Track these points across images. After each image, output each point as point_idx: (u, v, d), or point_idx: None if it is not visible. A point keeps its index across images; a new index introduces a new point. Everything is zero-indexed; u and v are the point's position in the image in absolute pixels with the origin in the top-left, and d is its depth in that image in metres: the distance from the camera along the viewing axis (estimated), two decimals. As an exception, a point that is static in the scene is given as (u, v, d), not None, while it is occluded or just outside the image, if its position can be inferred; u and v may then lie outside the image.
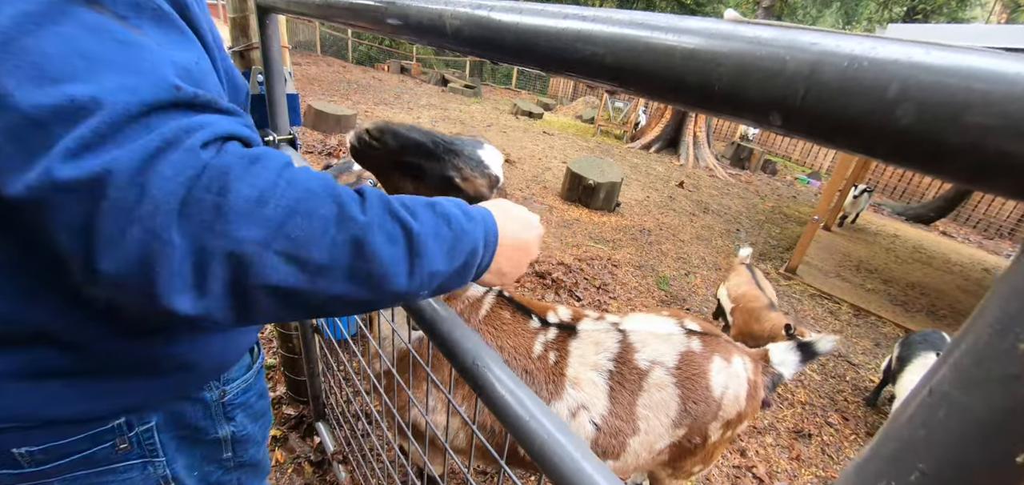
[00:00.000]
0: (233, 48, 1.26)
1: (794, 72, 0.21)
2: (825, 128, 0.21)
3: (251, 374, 0.85)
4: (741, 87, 0.23)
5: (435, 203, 0.55)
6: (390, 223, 0.49)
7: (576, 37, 0.30)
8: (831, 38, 0.20)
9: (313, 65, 12.60)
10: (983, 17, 19.77)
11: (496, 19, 0.37)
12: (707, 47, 0.24)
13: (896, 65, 0.18)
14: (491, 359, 0.57)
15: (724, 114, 0.25)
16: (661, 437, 1.42)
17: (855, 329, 4.54)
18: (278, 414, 2.11)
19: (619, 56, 0.28)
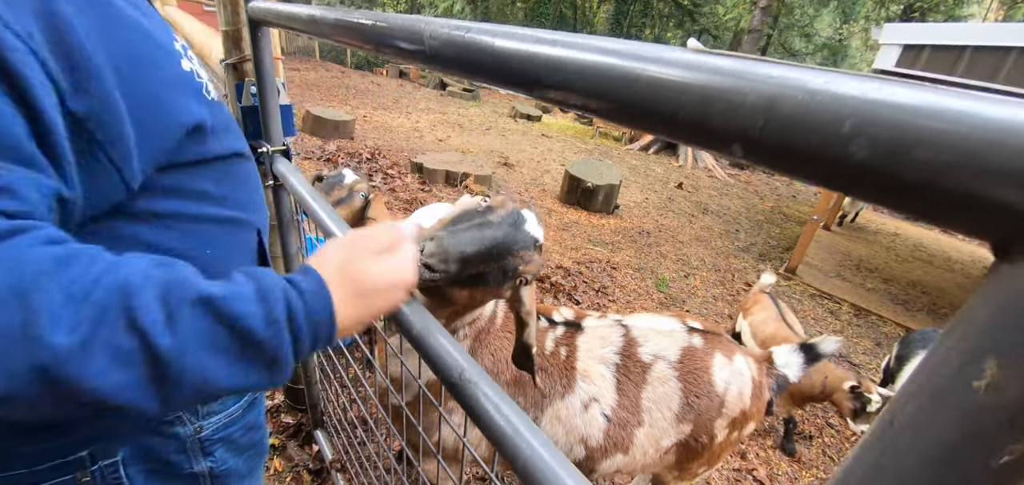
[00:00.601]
0: (226, 60, 1.26)
1: (753, 104, 0.21)
2: (784, 160, 0.21)
3: (237, 408, 0.79)
4: (704, 117, 0.23)
5: (213, 298, 0.43)
6: (122, 336, 0.37)
7: (546, 63, 0.30)
8: (789, 71, 0.21)
9: (312, 71, 12.63)
10: (980, 14, 19.79)
11: (472, 41, 0.37)
12: (671, 77, 0.24)
13: (850, 100, 0.18)
14: (478, 374, 0.57)
15: (689, 142, 0.25)
16: (666, 432, 1.44)
17: (856, 329, 4.53)
18: (277, 422, 2.11)
19: (588, 83, 0.28)
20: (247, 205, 0.76)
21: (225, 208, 0.70)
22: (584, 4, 22.60)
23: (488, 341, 1.28)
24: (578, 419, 1.37)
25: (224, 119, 0.70)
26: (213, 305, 0.42)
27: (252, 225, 0.77)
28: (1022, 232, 0.16)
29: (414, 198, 4.99)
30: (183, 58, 0.62)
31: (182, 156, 0.60)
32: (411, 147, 7.00)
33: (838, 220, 7.81)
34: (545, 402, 1.37)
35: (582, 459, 1.41)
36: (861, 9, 20.83)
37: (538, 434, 0.50)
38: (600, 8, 23.42)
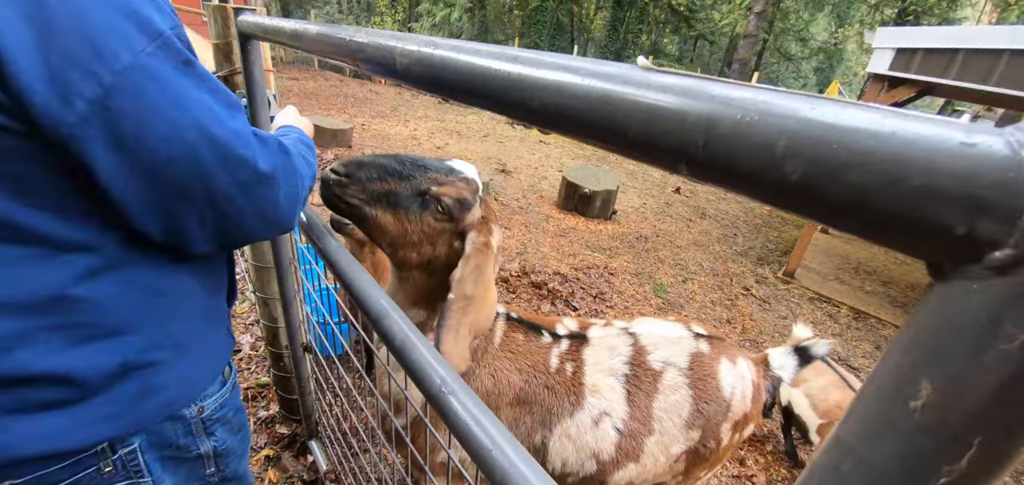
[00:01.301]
0: (217, 73, 1.27)
1: (694, 123, 0.21)
2: (728, 179, 0.21)
3: (226, 390, 0.87)
4: (650, 135, 0.23)
5: (301, 137, 0.88)
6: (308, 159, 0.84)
7: (505, 80, 0.30)
8: (727, 90, 0.21)
9: (311, 80, 12.69)
10: (974, 17, 19.91)
11: (439, 58, 0.37)
12: (620, 93, 0.24)
13: (783, 121, 0.19)
14: (458, 386, 0.57)
15: (641, 160, 0.25)
16: (676, 439, 1.43)
17: (855, 332, 4.52)
18: (271, 433, 2.10)
19: (544, 99, 0.28)
20: None
21: None
22: (581, 11, 22.74)
23: (486, 361, 1.26)
24: (589, 435, 1.34)
25: None
26: (301, 141, 0.86)
27: None
28: (952, 253, 0.16)
29: (411, 206, 4.99)
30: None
31: None
32: (409, 155, 7.00)
33: (836, 223, 7.82)
34: (553, 420, 1.34)
35: (593, 473, 1.37)
36: (856, 13, 20.97)
37: (518, 449, 0.50)
38: (597, 15, 23.56)
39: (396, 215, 0.94)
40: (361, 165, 0.91)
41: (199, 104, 0.57)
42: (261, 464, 1.97)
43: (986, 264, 0.15)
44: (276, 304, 1.73)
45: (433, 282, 1.08)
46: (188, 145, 0.56)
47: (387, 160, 0.93)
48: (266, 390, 2.32)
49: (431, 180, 0.94)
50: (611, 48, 21.33)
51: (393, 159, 0.94)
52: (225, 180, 0.60)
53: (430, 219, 0.95)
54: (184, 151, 0.56)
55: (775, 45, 21.76)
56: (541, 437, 1.34)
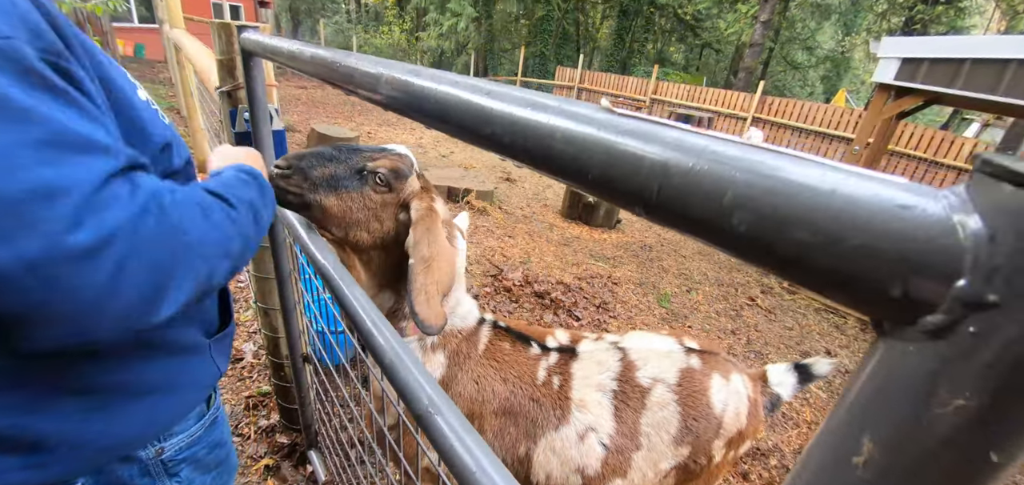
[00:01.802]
0: (220, 88, 1.29)
1: (649, 169, 0.21)
2: (681, 223, 0.21)
3: (199, 427, 0.81)
4: (608, 177, 0.23)
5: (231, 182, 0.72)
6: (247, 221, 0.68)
7: (478, 114, 0.31)
8: (683, 137, 0.21)
9: (318, 89, 12.83)
10: (982, 26, 19.77)
11: (417, 85, 0.38)
12: (581, 134, 0.24)
13: (732, 171, 0.19)
14: (445, 406, 0.57)
15: (603, 198, 0.25)
16: (664, 455, 1.42)
17: (863, 344, 4.46)
18: (271, 442, 2.10)
19: (514, 135, 0.29)
20: None
21: None
22: (587, 21, 22.85)
23: (469, 366, 1.27)
24: (573, 450, 1.34)
25: (176, 135, 0.79)
26: (253, 206, 0.71)
27: None
28: (890, 313, 0.16)
29: (415, 214, 5.01)
30: (139, 88, 0.71)
31: (158, 168, 0.69)
32: (414, 163, 7.05)
33: (843, 233, 7.75)
34: (538, 433, 1.34)
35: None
36: (862, 21, 20.89)
37: (504, 473, 0.50)
38: (603, 24, 23.66)
39: (339, 196, 1.00)
40: (301, 157, 0.98)
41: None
42: (260, 473, 1.98)
43: (921, 327, 0.15)
44: (276, 315, 1.74)
45: (391, 260, 1.13)
46: None
47: (325, 149, 1.00)
48: (267, 399, 2.32)
49: (366, 158, 1.03)
50: (617, 57, 21.38)
51: (331, 148, 1.01)
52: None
53: (371, 192, 1.03)
54: None
55: (781, 54, 21.72)
56: (525, 448, 1.34)
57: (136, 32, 13.37)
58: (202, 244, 0.55)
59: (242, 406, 2.27)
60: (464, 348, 1.28)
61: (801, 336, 4.37)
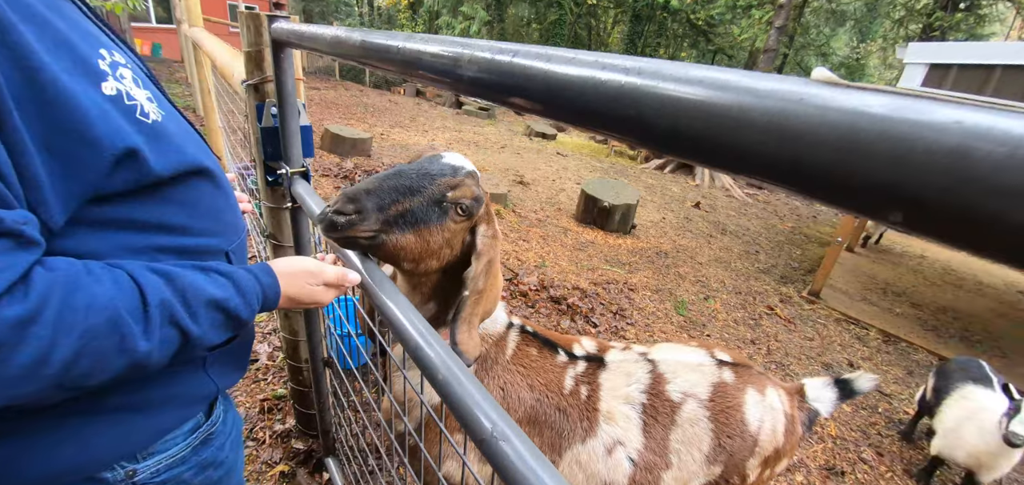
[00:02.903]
0: (247, 81, 1.24)
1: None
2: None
3: (185, 446, 0.74)
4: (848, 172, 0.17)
5: (220, 300, 0.64)
6: (169, 331, 0.58)
7: (618, 91, 0.25)
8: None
9: (331, 89, 12.89)
10: (1002, 33, 19.41)
11: (521, 65, 0.32)
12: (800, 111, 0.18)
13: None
14: (512, 431, 0.51)
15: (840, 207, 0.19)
16: (695, 475, 1.36)
17: (886, 356, 4.34)
18: (287, 448, 2.06)
19: (679, 119, 0.23)
20: (208, 229, 0.72)
21: (176, 237, 0.67)
22: (598, 25, 22.79)
23: (495, 371, 1.22)
24: (601, 464, 1.28)
25: (176, 136, 0.65)
26: (218, 304, 0.64)
27: (215, 251, 0.75)
28: None
29: (429, 216, 4.97)
30: (110, 79, 0.57)
31: (112, 186, 0.57)
32: (426, 165, 7.02)
33: (862, 241, 7.59)
34: (563, 445, 1.29)
35: None
36: (878, 28, 20.62)
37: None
38: (615, 28, 23.58)
39: (417, 232, 0.90)
40: (369, 193, 0.84)
41: None
42: (276, 480, 1.93)
43: None
44: (298, 317, 1.70)
45: (447, 278, 1.06)
46: None
47: (391, 180, 0.87)
48: (282, 402, 2.28)
49: (444, 185, 0.91)
50: (628, 61, 21.20)
51: (396, 177, 0.88)
52: None
53: (450, 224, 0.93)
54: None
55: (795, 60, 21.49)
56: (550, 460, 1.28)
57: (154, 32, 13.53)
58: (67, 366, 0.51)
59: (257, 409, 2.23)
60: (492, 353, 1.23)
61: (822, 347, 4.26)
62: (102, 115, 0.54)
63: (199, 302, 0.61)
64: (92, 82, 0.55)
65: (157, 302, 0.57)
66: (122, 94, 0.58)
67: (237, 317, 0.66)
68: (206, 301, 0.62)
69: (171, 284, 0.59)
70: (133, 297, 0.55)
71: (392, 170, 0.90)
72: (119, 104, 0.57)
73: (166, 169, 0.62)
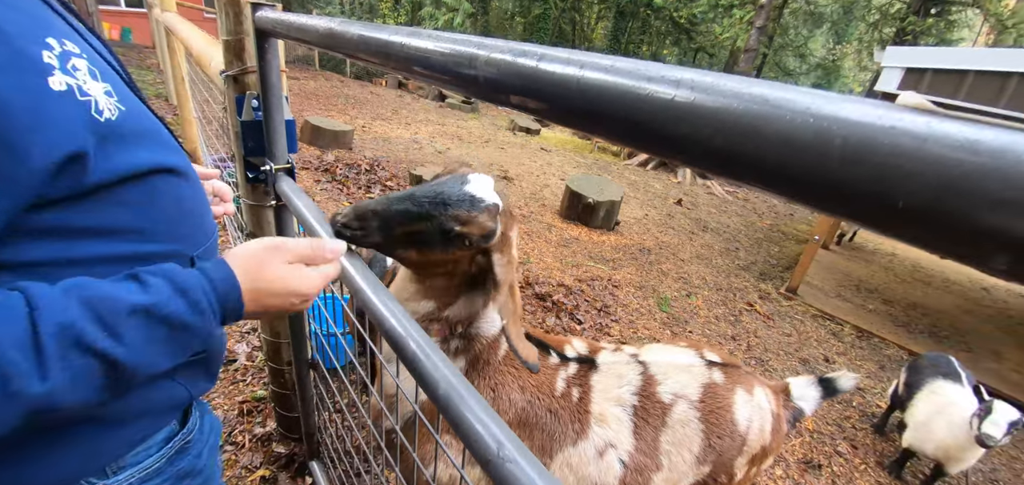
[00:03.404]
0: (226, 72, 1.18)
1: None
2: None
3: (159, 457, 0.69)
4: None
5: (147, 307, 0.51)
6: (79, 360, 0.46)
7: (667, 108, 0.23)
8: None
9: (311, 80, 12.58)
10: (971, 38, 20.15)
11: (543, 72, 0.29)
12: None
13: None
14: (520, 453, 0.49)
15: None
16: (685, 475, 1.38)
17: (859, 351, 4.47)
18: (268, 452, 2.00)
19: (744, 140, 0.20)
20: (169, 233, 0.65)
21: (130, 243, 0.59)
22: (582, 20, 22.80)
23: (487, 372, 1.19)
24: (591, 467, 1.28)
25: (134, 133, 0.58)
26: (150, 311, 0.51)
27: (177, 256, 0.65)
28: None
29: (413, 211, 4.89)
30: (57, 73, 0.50)
31: (56, 192, 0.50)
32: (410, 158, 6.93)
33: (837, 239, 7.81)
34: (554, 447, 1.28)
35: None
36: (854, 31, 21.17)
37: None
38: (598, 25, 23.63)
39: (421, 252, 0.91)
40: (375, 214, 0.84)
41: None
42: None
43: None
44: (281, 320, 1.64)
45: (453, 282, 1.05)
46: None
47: (402, 205, 0.85)
48: (262, 404, 2.21)
49: (453, 218, 0.88)
50: (611, 57, 21.31)
51: (409, 201, 0.86)
52: None
53: (457, 252, 0.93)
54: None
55: (774, 60, 21.90)
56: (541, 463, 1.27)
57: (123, 16, 12.96)
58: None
59: (235, 412, 2.16)
60: (485, 354, 1.21)
61: (800, 342, 4.36)
62: (42, 116, 0.48)
63: (119, 315, 0.49)
64: (33, 78, 0.48)
65: (53, 327, 0.45)
66: (73, 89, 0.51)
67: (182, 325, 0.53)
68: (129, 310, 0.49)
69: (80, 299, 0.48)
70: (18, 325, 0.44)
71: (406, 192, 0.88)
72: (69, 101, 0.50)
73: (117, 171, 0.55)
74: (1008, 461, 3.33)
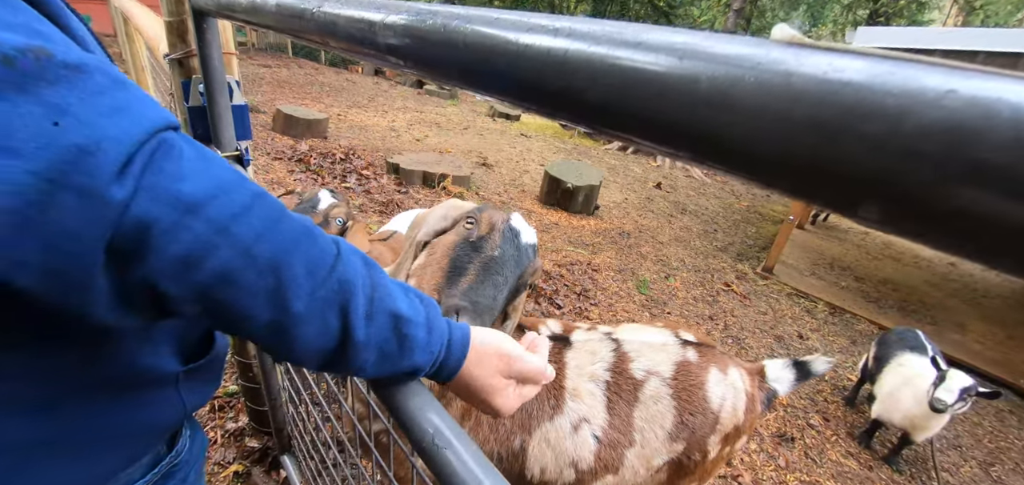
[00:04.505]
0: (169, 55, 1.12)
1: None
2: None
3: (147, 482, 0.62)
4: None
5: (404, 318, 0.49)
6: (333, 316, 0.44)
7: (577, 64, 0.20)
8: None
9: (284, 68, 12.23)
10: (941, 19, 20.62)
11: (453, 31, 0.27)
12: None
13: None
14: (454, 436, 0.47)
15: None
16: (658, 452, 1.39)
17: (832, 327, 4.59)
18: (241, 447, 1.96)
19: (614, 92, 0.18)
20: None
21: None
22: (562, 3, 22.63)
23: None
24: (568, 442, 1.29)
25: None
26: (400, 321, 0.49)
27: None
28: None
29: (390, 200, 4.83)
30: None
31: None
32: (387, 147, 6.81)
33: (811, 219, 7.98)
34: (532, 424, 1.29)
35: (572, 482, 1.34)
36: (829, 13, 21.46)
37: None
38: (578, 7, 23.48)
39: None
40: (494, 313, 0.92)
41: None
42: (230, 480, 1.84)
43: None
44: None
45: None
46: None
47: (504, 293, 0.94)
48: (235, 399, 2.16)
49: (529, 275, 1.01)
50: (592, 42, 21.23)
51: (510, 291, 0.96)
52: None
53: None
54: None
55: (751, 43, 22.07)
56: (520, 441, 1.29)
57: (84, 2, 12.38)
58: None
59: (207, 408, 2.11)
60: None
61: (775, 320, 4.46)
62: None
63: (382, 307, 0.48)
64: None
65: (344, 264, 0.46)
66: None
67: (410, 348, 0.50)
68: (390, 311, 0.48)
69: (368, 269, 0.48)
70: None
71: (490, 267, 0.94)
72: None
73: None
74: (971, 428, 3.47)
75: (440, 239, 1.04)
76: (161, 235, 0.34)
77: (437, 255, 0.98)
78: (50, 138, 0.31)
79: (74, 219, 0.32)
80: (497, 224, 0.99)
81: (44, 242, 0.31)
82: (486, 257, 0.92)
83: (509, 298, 0.95)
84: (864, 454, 3.01)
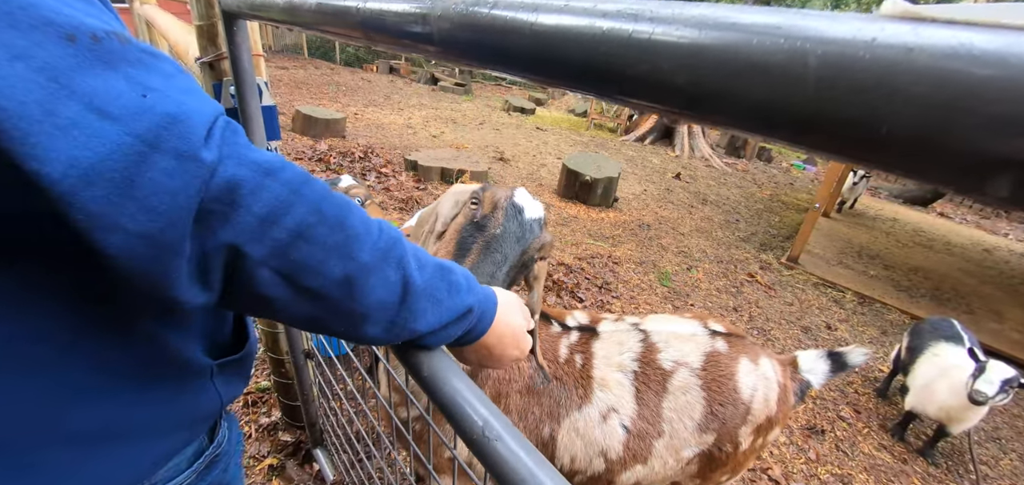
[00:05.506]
0: (201, 59, 1.15)
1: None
2: None
3: (191, 473, 0.64)
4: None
5: (446, 267, 0.55)
6: (391, 269, 0.48)
7: (640, 46, 0.20)
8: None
9: (301, 69, 12.41)
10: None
11: (502, 20, 0.27)
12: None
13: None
14: (505, 429, 0.47)
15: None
16: (687, 442, 1.38)
17: (861, 317, 4.47)
18: (274, 441, 2.01)
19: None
20: None
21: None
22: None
23: None
24: (597, 431, 1.30)
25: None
26: (443, 269, 0.54)
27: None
28: None
29: (409, 197, 4.87)
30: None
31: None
32: (404, 144, 6.86)
33: (837, 207, 7.76)
34: (561, 413, 1.30)
35: (602, 472, 1.34)
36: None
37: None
38: None
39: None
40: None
41: None
42: (265, 474, 1.88)
43: None
44: (274, 308, 1.62)
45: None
46: None
47: (507, 270, 0.95)
48: (267, 395, 2.22)
49: (535, 250, 1.01)
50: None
51: (512, 266, 0.96)
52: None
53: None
54: None
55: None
56: (549, 430, 1.30)
57: (107, 12, 12.74)
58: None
59: (241, 403, 2.17)
60: None
61: (801, 311, 4.36)
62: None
63: (426, 258, 0.54)
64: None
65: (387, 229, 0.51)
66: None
67: (457, 291, 0.55)
68: (433, 261, 0.55)
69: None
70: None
71: (491, 245, 0.94)
72: None
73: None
74: (1011, 419, 3.35)
75: (453, 223, 1.06)
76: (248, 195, 0.37)
77: (446, 238, 1.02)
78: (142, 106, 0.34)
79: (172, 179, 0.34)
80: (500, 201, 1.00)
81: (143, 204, 0.33)
82: (488, 236, 0.94)
83: (516, 272, 0.96)
84: (898, 447, 2.93)
